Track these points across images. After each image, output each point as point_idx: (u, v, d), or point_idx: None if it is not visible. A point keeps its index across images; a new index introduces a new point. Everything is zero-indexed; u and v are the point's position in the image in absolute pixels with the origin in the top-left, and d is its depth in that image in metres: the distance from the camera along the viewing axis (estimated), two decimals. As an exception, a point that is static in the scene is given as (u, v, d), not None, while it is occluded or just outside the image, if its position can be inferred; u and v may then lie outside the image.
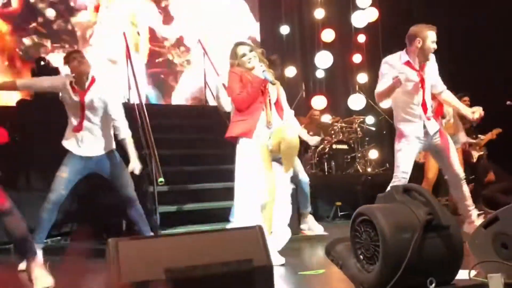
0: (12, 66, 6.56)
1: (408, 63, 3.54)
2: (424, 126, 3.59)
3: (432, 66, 3.64)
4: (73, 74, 3.57)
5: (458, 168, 3.70)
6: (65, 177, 3.50)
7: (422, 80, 3.54)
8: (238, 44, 3.30)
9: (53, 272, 3.37)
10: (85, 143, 3.57)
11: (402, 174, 3.53)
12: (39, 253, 3.23)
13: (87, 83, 3.54)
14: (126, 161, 3.66)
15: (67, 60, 3.58)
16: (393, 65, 3.54)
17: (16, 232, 2.71)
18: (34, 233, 3.35)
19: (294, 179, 4.19)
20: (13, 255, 4.15)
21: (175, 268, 1.70)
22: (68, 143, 3.59)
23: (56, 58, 6.12)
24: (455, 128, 4.96)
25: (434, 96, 3.80)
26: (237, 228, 2.33)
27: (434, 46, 3.53)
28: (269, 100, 3.20)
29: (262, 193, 3.06)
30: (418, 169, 4.54)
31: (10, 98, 6.00)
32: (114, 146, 3.71)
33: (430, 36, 3.50)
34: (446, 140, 3.69)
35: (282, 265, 3.10)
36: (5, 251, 4.47)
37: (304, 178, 4.40)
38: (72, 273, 3.30)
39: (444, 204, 5.60)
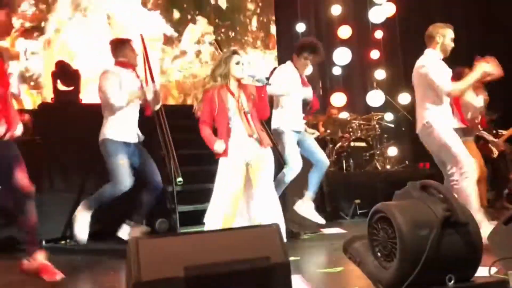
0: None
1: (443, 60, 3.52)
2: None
3: None
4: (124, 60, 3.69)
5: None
6: (125, 164, 3.61)
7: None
8: (235, 52, 3.37)
9: (74, 271, 3.46)
10: (132, 129, 3.72)
11: (468, 160, 3.33)
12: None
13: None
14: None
15: (119, 47, 3.68)
16: (435, 60, 3.48)
17: (32, 219, 2.84)
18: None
19: (312, 158, 4.20)
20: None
21: (194, 266, 1.72)
22: (117, 134, 3.64)
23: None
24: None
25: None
26: (255, 226, 2.35)
27: (452, 44, 3.50)
28: (244, 112, 3.29)
29: (227, 208, 3.21)
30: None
31: (32, 102, 6.15)
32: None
33: (449, 34, 3.49)
34: None
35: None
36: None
37: (324, 159, 4.21)
38: (92, 272, 3.37)
39: None
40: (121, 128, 3.67)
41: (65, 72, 5.07)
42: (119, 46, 3.73)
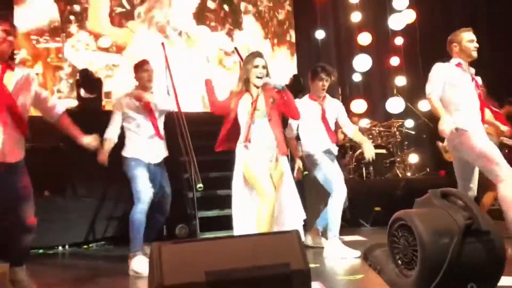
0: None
1: (459, 65, 3.44)
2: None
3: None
4: (138, 84, 3.79)
5: None
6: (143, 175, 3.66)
7: (476, 84, 3.46)
8: (257, 55, 3.33)
9: (96, 275, 3.53)
10: (153, 149, 3.72)
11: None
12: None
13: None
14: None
15: (139, 69, 3.77)
16: (446, 67, 3.44)
17: (27, 242, 2.79)
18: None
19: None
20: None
21: (215, 271, 1.75)
22: (135, 152, 3.67)
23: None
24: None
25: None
26: (275, 232, 2.37)
27: (474, 44, 3.44)
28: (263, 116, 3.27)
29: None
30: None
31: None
32: (167, 153, 3.86)
33: (465, 37, 3.44)
34: None
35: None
36: (54, 255, 4.67)
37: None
38: (114, 276, 3.43)
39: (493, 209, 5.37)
40: (139, 148, 3.70)
41: (88, 80, 5.19)
42: (135, 70, 3.84)
